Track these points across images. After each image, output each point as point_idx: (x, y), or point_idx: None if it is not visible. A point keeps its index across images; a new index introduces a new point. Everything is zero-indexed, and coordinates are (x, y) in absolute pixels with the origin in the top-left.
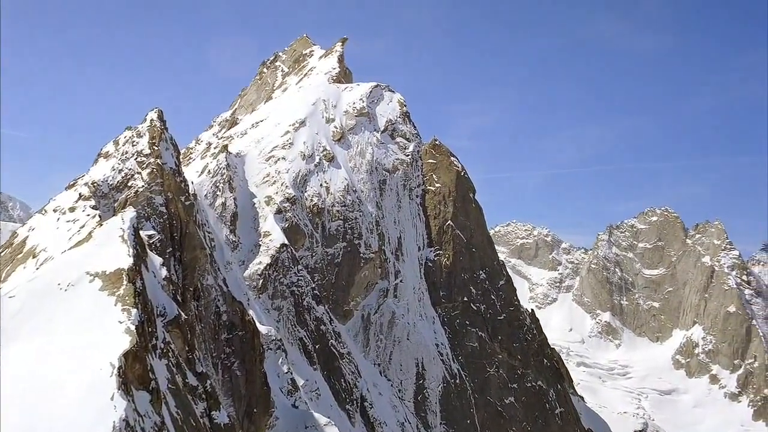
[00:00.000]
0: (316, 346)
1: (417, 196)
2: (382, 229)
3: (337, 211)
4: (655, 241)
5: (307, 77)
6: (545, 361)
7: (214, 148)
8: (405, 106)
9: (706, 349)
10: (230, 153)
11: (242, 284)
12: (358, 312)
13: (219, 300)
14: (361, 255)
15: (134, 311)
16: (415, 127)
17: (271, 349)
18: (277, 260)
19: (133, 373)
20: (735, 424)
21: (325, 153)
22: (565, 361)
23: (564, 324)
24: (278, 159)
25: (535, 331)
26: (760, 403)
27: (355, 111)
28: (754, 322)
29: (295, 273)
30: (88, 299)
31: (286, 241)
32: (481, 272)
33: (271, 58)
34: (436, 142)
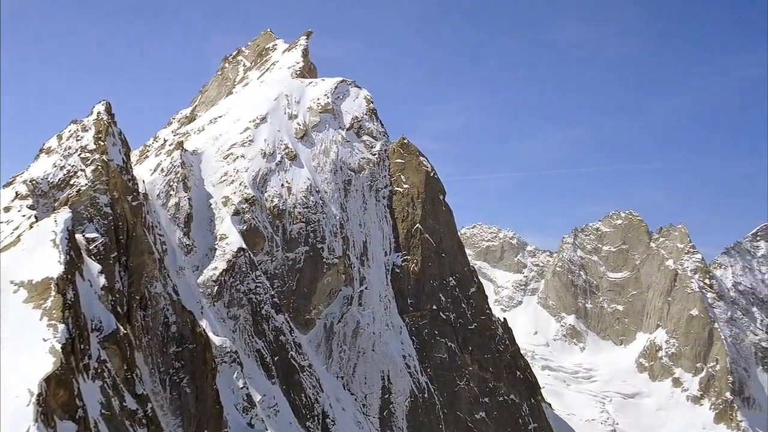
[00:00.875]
0: (275, 358)
1: (384, 198)
2: (346, 233)
3: (299, 212)
4: (619, 245)
5: (269, 72)
6: (518, 373)
7: (170, 145)
8: (372, 102)
9: (669, 353)
10: (186, 150)
11: (196, 291)
12: (320, 321)
13: (168, 309)
14: (324, 260)
15: (62, 327)
16: (382, 124)
17: (225, 362)
18: (234, 265)
19: (56, 401)
20: (697, 427)
21: (287, 151)
22: (530, 365)
23: (529, 327)
24: (237, 157)
25: (507, 342)
26: (721, 407)
27: (320, 107)
28: (716, 325)
29: (253, 279)
30: (12, 313)
31: (244, 245)
32: (451, 279)
33: (234, 53)
34: (405, 141)
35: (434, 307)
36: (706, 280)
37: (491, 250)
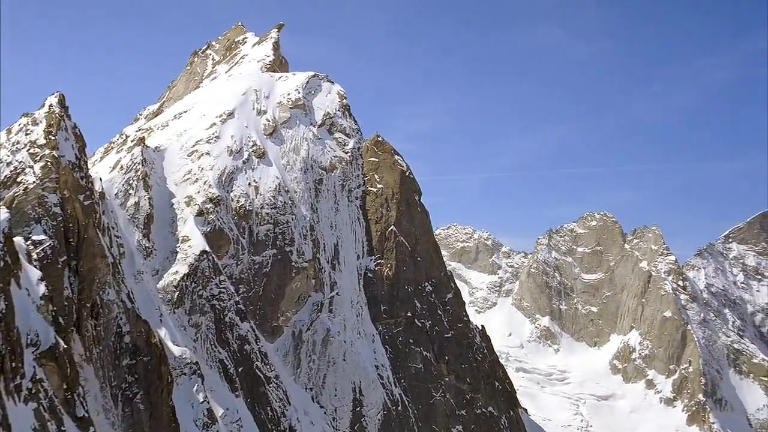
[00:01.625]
0: (239, 369)
1: (357, 198)
2: (316, 235)
3: (267, 213)
4: (594, 246)
5: (238, 65)
6: (497, 383)
7: (132, 141)
8: (345, 98)
9: (643, 354)
10: (147, 147)
11: (155, 297)
12: (288, 329)
13: (121, 318)
14: (293, 264)
15: None
16: (355, 121)
17: (185, 374)
18: (196, 269)
19: None
20: (670, 429)
21: (254, 148)
22: (504, 366)
23: (503, 329)
24: (202, 154)
25: (485, 350)
26: (693, 408)
27: (290, 102)
28: (689, 327)
29: (216, 284)
30: None
31: (207, 248)
32: (426, 284)
33: (204, 48)
34: (379, 139)
35: (409, 314)
36: (680, 282)
37: (466, 251)
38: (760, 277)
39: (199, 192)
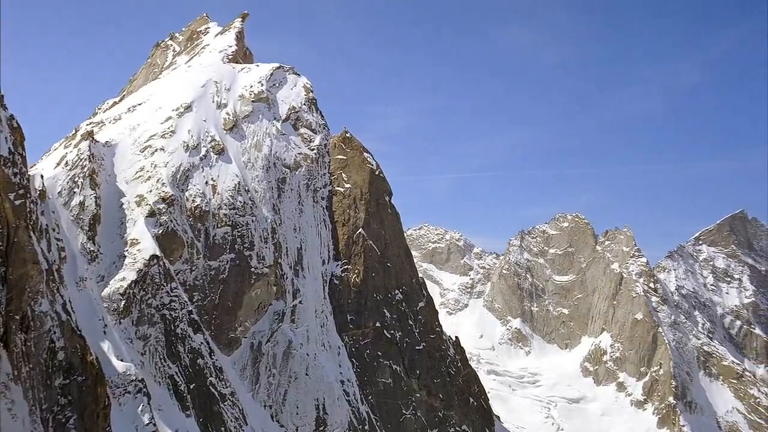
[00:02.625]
0: (191, 386)
1: (323, 199)
2: (279, 238)
3: (225, 214)
4: (565, 247)
5: (198, 56)
6: (471, 400)
7: (81, 135)
8: (311, 91)
9: (614, 357)
10: (96, 141)
11: (98, 306)
12: (246, 340)
13: (55, 332)
14: (253, 269)
15: None
16: (322, 116)
17: (129, 392)
18: (146, 276)
19: None
20: None
21: (213, 144)
22: (475, 369)
23: (475, 330)
24: (156, 150)
25: (459, 364)
26: (664, 411)
27: (252, 95)
28: (660, 329)
29: (167, 292)
30: None
31: (159, 252)
32: (397, 292)
33: (167, 39)
34: (347, 135)
35: (377, 324)
36: (651, 284)
37: (437, 252)
38: (729, 279)
39: (151, 191)
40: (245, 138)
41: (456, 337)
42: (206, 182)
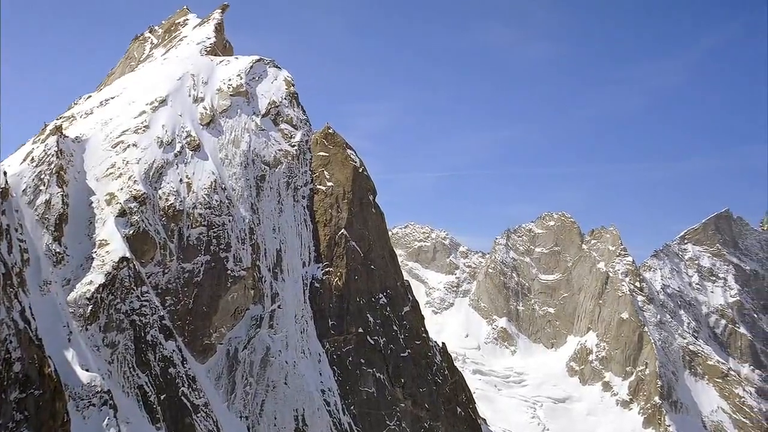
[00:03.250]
0: (162, 397)
1: (303, 197)
2: (257, 239)
3: (200, 214)
4: (551, 246)
5: (175, 48)
6: (459, 410)
7: (49, 130)
8: (293, 85)
9: (600, 356)
10: (66, 136)
11: (63, 312)
12: (221, 347)
13: (10, 342)
14: (229, 272)
15: None
16: (304, 111)
17: (93, 405)
18: (115, 279)
19: None
20: None
21: (188, 140)
22: (461, 369)
23: (460, 330)
24: (128, 146)
25: (446, 372)
26: (650, 411)
27: (231, 89)
28: (645, 328)
29: (138, 296)
30: None
31: (129, 254)
32: (381, 296)
33: (145, 32)
34: (330, 131)
35: (360, 330)
36: (637, 283)
37: (423, 251)
38: (714, 278)
39: (122, 189)
40: (223, 133)
41: (443, 343)
42: (181, 180)
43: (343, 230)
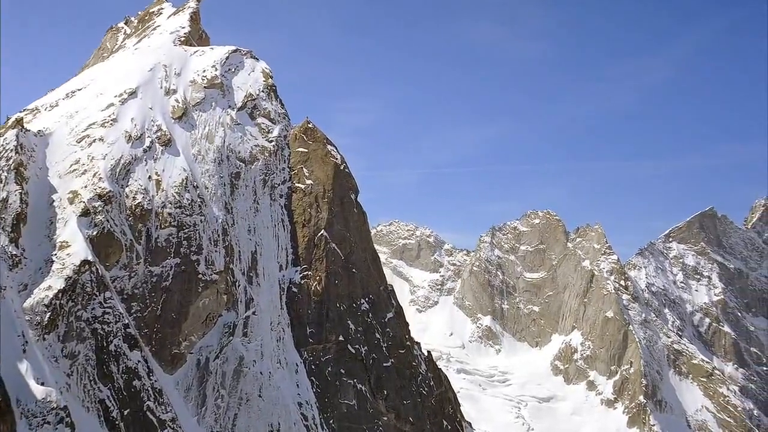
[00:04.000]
0: (125, 412)
1: (281, 196)
2: (230, 241)
3: (170, 214)
4: (536, 244)
5: (148, 38)
6: (445, 423)
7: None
8: (271, 77)
9: (585, 355)
10: (27, 130)
11: (18, 320)
12: (191, 357)
13: None
14: (200, 276)
15: None
16: (282, 105)
17: (48, 422)
18: (75, 284)
19: None
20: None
21: (159, 134)
22: (445, 368)
23: (445, 328)
24: (94, 140)
25: (432, 382)
26: (634, 410)
27: (205, 81)
28: (630, 327)
29: (100, 303)
30: None
31: (92, 256)
32: (363, 301)
33: (120, 23)
34: (309, 126)
35: (341, 338)
36: (622, 282)
37: (408, 249)
38: (698, 276)
39: (86, 186)
40: (195, 128)
41: (428, 352)
42: (149, 177)
43: (322, 231)
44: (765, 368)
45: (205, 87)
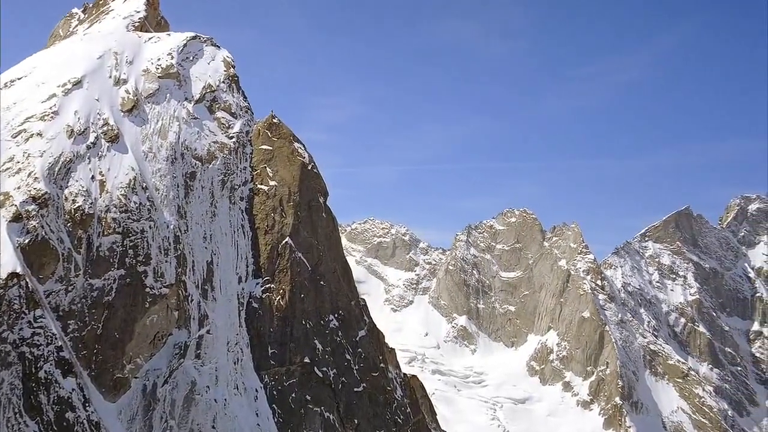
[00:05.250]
0: None
1: (241, 199)
2: (183, 250)
3: (114, 219)
4: (513, 243)
5: (99, 23)
6: None
7: None
8: (233, 67)
9: (561, 356)
10: None
11: None
12: (137, 381)
13: None
14: (148, 290)
15: None
16: (245, 97)
17: None
18: (1, 300)
19: None
20: None
21: (105, 129)
22: (420, 369)
23: (420, 328)
24: (32, 135)
25: (409, 409)
26: (610, 412)
27: (159, 70)
28: (607, 327)
29: (30, 322)
30: None
31: (21, 268)
32: (331, 318)
33: (81, 9)
34: (274, 120)
35: (306, 359)
36: (598, 282)
37: (383, 247)
38: (674, 276)
39: (19, 187)
40: (147, 122)
41: (405, 375)
42: (93, 177)
43: (287, 239)
44: (739, 368)
45: (159, 77)
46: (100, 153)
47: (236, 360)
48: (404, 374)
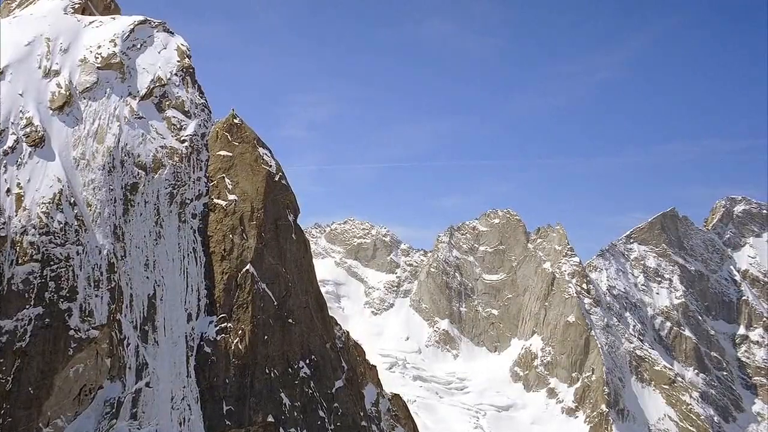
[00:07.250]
0: None
1: (194, 217)
2: (119, 280)
3: (32, 243)
4: (496, 245)
5: (33, 4)
6: None
7: None
8: (188, 57)
9: (545, 361)
10: None
11: None
12: None
13: None
14: (73, 332)
15: None
16: (202, 93)
17: None
18: None
19: None
20: None
21: (28, 130)
22: (401, 375)
23: (401, 332)
24: None
25: None
26: (596, 420)
27: (99, 59)
28: (592, 332)
29: None
30: None
31: None
32: (302, 365)
33: None
34: (235, 121)
35: (270, 418)
36: (584, 285)
37: (363, 248)
38: (659, 279)
39: None
40: (81, 122)
41: (389, 398)
42: (8, 190)
43: (248, 266)
44: (725, 373)
45: (98, 67)
46: (19, 160)
47: (182, 420)
48: (390, 395)
